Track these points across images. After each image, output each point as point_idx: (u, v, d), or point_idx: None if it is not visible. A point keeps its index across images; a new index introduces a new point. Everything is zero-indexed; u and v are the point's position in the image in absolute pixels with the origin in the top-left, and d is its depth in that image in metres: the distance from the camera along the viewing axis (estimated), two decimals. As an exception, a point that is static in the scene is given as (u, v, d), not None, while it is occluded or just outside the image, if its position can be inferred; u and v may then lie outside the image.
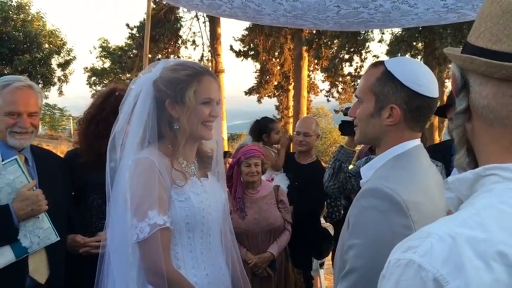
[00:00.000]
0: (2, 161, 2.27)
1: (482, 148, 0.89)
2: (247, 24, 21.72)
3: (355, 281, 1.47)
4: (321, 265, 4.86)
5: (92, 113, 2.77)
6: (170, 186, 1.87)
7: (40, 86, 22.22)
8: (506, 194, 0.79)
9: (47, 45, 25.14)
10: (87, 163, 2.70)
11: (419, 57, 17.37)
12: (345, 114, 3.50)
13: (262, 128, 4.81)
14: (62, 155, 3.01)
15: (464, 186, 0.87)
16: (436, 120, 16.45)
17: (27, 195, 2.24)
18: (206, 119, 1.92)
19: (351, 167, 3.75)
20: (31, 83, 2.46)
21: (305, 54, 21.07)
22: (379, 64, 1.67)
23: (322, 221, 5.11)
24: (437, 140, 16.42)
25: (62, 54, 26.35)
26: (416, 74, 1.59)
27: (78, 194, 2.82)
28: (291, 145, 4.99)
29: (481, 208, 0.79)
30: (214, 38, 21.23)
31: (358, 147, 5.91)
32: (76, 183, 2.75)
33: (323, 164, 4.71)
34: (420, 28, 14.95)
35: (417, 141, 1.68)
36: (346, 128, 3.38)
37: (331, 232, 5.05)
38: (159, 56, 23.18)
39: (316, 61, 22.03)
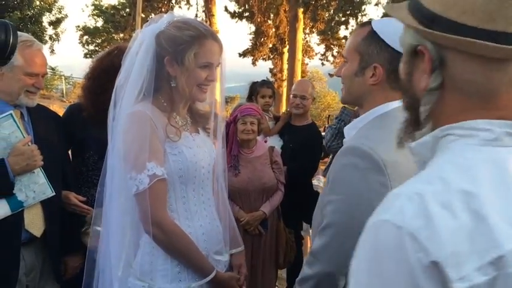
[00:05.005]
0: (-3, 115, 2.27)
1: (448, 119, 0.91)
2: (242, -16, 21.32)
3: (331, 235, 1.53)
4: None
5: (91, 67, 2.84)
6: (164, 140, 1.89)
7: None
8: (461, 149, 0.86)
9: (38, 2, 24.65)
10: (88, 118, 2.74)
11: (415, 21, 17.16)
12: None
13: (252, 89, 4.84)
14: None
15: (426, 149, 0.93)
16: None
17: (22, 150, 2.25)
18: (202, 82, 1.92)
19: None
20: None
21: (301, 16, 20.76)
22: (366, 24, 1.70)
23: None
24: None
25: (53, 12, 25.89)
26: None
27: (76, 148, 2.86)
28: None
29: (440, 164, 0.86)
30: (209, -2, 20.91)
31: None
32: (76, 137, 2.78)
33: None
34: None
35: (398, 103, 1.70)
36: None
37: None
38: (152, 15, 22.73)
39: (312, 24, 21.73)
